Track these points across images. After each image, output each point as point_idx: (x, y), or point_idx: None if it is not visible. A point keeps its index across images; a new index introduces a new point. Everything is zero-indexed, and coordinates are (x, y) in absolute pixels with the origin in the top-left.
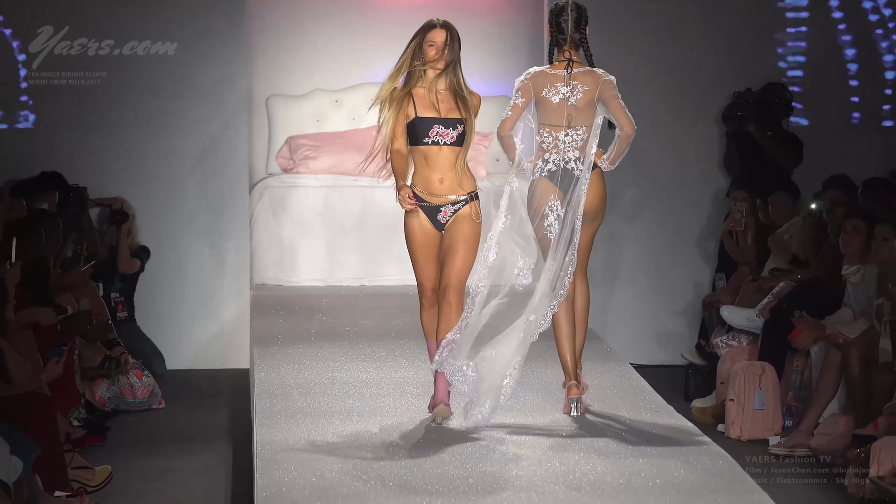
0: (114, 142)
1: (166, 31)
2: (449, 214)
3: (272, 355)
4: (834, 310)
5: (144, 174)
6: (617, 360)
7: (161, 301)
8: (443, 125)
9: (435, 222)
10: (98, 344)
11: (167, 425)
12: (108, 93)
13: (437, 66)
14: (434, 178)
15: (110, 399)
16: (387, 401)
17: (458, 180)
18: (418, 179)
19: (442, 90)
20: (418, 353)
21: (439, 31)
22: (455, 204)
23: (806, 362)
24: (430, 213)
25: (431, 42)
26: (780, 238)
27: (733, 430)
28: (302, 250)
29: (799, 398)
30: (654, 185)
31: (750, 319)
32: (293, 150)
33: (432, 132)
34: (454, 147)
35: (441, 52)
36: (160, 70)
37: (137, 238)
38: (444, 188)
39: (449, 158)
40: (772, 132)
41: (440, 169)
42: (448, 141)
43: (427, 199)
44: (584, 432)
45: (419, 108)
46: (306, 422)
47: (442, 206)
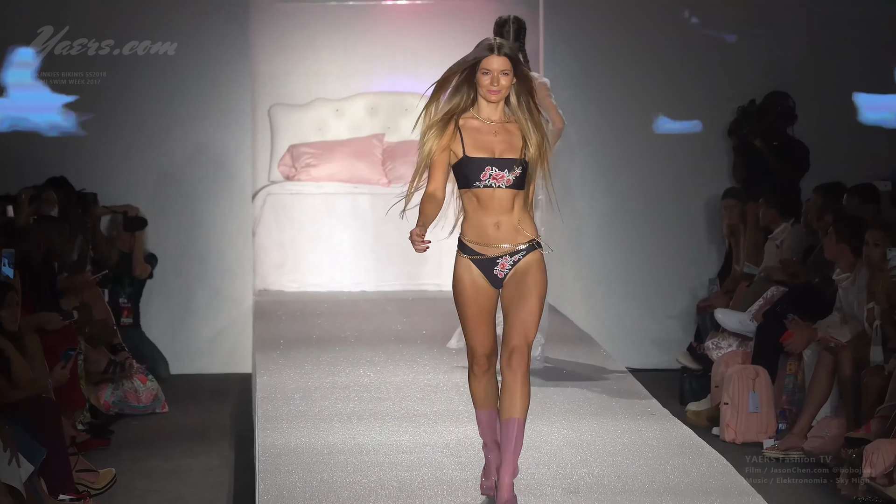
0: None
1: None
2: (508, 267)
3: (274, 360)
4: (826, 313)
5: (146, 180)
6: (613, 363)
7: (165, 306)
8: (496, 167)
9: (491, 278)
10: (103, 349)
11: (170, 429)
12: (108, 93)
13: (491, 99)
14: (488, 223)
15: (114, 403)
16: (387, 405)
17: (517, 225)
18: (470, 227)
19: (496, 121)
20: (418, 357)
21: (496, 58)
22: (515, 254)
23: (799, 366)
24: (485, 268)
25: (486, 70)
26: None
27: (728, 433)
28: (303, 256)
29: (792, 401)
30: (650, 192)
31: (743, 323)
32: (295, 158)
33: (484, 175)
34: (511, 190)
35: (496, 83)
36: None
37: (147, 245)
38: (501, 235)
39: (503, 201)
40: (777, 142)
41: (495, 212)
42: (503, 184)
43: (481, 250)
44: (581, 436)
45: (468, 144)
46: (307, 425)
47: (499, 259)
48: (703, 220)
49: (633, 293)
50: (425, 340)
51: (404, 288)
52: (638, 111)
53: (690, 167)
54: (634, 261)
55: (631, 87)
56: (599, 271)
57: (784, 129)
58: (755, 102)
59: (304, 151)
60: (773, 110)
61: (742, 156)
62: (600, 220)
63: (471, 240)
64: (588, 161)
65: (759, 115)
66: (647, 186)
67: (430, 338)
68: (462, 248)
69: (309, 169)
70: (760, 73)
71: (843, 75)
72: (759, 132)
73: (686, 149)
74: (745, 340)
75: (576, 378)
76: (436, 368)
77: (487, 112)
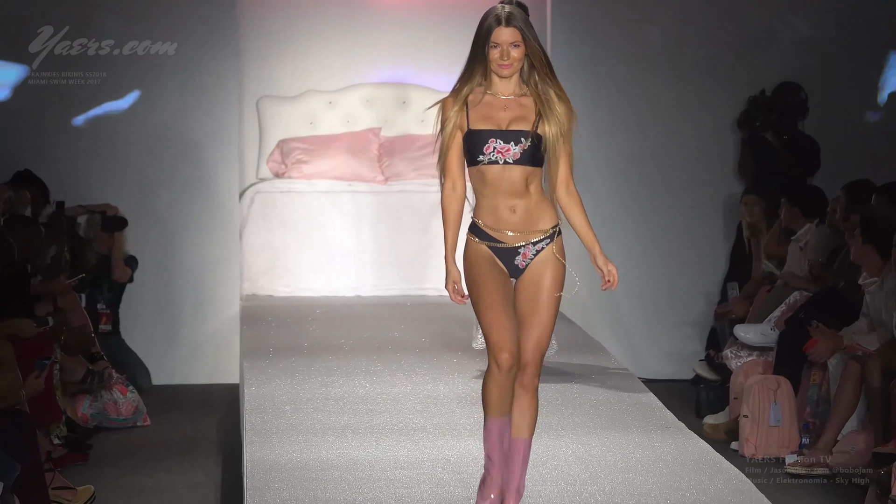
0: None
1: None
2: (530, 257)
3: (263, 369)
4: (852, 320)
5: (126, 179)
6: (625, 373)
7: (146, 313)
8: (501, 138)
9: (510, 267)
10: (80, 357)
11: (153, 443)
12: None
13: (503, 73)
14: (502, 206)
15: (93, 416)
16: (383, 417)
17: (535, 209)
18: (484, 210)
19: (508, 96)
20: (417, 366)
21: (504, 30)
22: (538, 242)
23: (823, 376)
24: (504, 256)
25: (494, 43)
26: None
27: (748, 447)
28: (294, 259)
29: (816, 414)
30: (664, 192)
31: (765, 334)
32: (285, 153)
33: (487, 148)
34: (524, 167)
35: (507, 56)
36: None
37: (126, 246)
38: (519, 221)
39: (514, 180)
40: (787, 136)
41: (507, 193)
42: (510, 159)
43: (499, 237)
44: (591, 451)
45: (473, 118)
46: (299, 439)
47: (521, 247)
48: (720, 218)
49: (645, 298)
50: (425, 349)
51: (403, 292)
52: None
53: (707, 163)
54: (646, 264)
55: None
56: None
57: (794, 124)
58: (766, 93)
59: (295, 147)
60: (783, 103)
61: (752, 150)
62: (608, 220)
63: (486, 224)
64: (595, 158)
65: (771, 107)
66: (658, 184)
67: (431, 346)
68: (477, 232)
69: (300, 165)
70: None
71: (857, 67)
72: (771, 125)
73: (701, 143)
74: (765, 349)
75: (585, 389)
76: (436, 379)
77: (500, 87)
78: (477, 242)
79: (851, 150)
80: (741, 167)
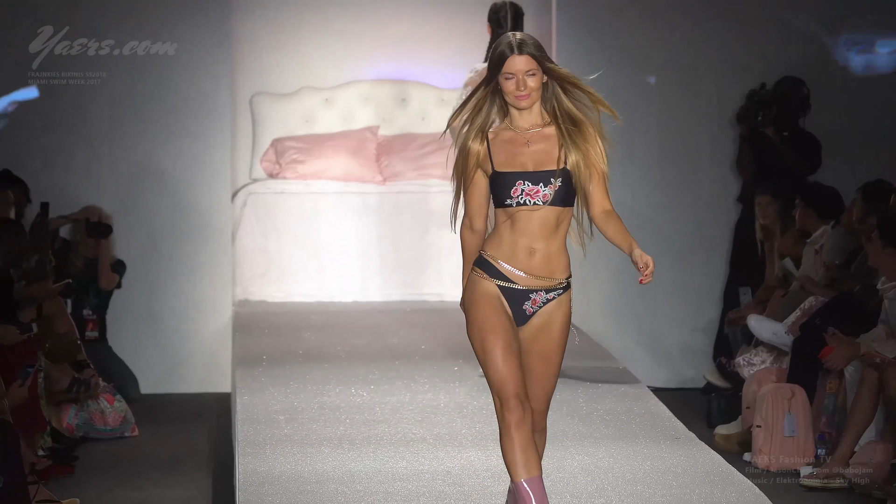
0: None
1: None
2: (539, 304)
3: (256, 378)
4: (870, 326)
5: (114, 181)
6: (632, 382)
7: (134, 319)
8: (529, 180)
9: (517, 311)
10: (65, 365)
11: (141, 454)
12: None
13: (521, 105)
14: (521, 245)
15: (79, 426)
16: (382, 428)
17: (554, 255)
18: (498, 247)
19: (530, 129)
20: (416, 374)
21: (517, 58)
22: (551, 291)
23: (840, 384)
24: (512, 298)
25: (508, 74)
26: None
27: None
28: (289, 263)
29: (832, 424)
30: (670, 192)
31: (777, 334)
32: (280, 153)
33: (514, 191)
34: (555, 207)
35: (523, 86)
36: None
37: (114, 251)
38: (536, 265)
39: (545, 222)
40: (788, 132)
41: (532, 236)
42: (539, 201)
43: (512, 277)
44: (597, 463)
45: (498, 159)
46: (293, 451)
47: (532, 293)
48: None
49: (653, 303)
50: (425, 356)
51: (401, 298)
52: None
53: (715, 159)
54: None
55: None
56: (615, 279)
57: (795, 120)
58: (766, 87)
59: (290, 146)
60: (785, 98)
61: (751, 147)
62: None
63: (500, 261)
64: None
65: (772, 103)
66: (666, 183)
67: (430, 353)
68: (485, 267)
69: (295, 165)
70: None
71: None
72: (771, 120)
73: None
74: (779, 356)
75: (591, 398)
76: (436, 387)
77: (520, 121)
78: (485, 279)
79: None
80: (739, 164)
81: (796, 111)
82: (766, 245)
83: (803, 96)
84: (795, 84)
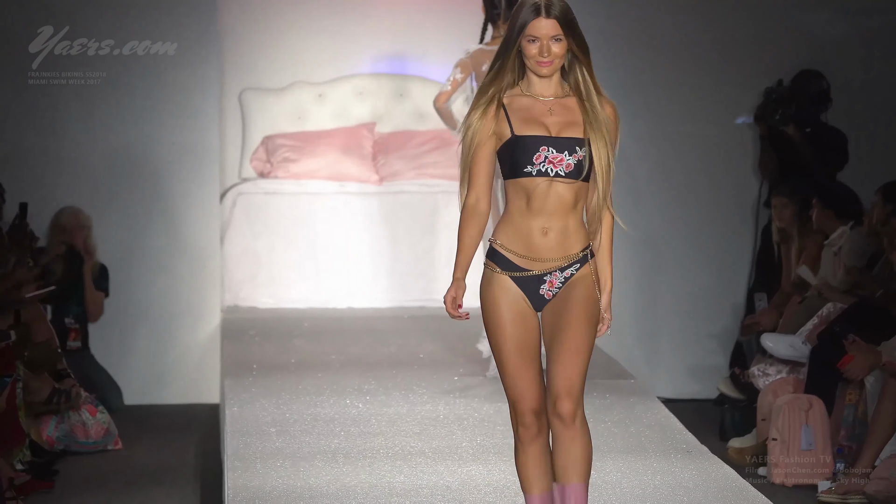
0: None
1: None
2: (557, 286)
3: (246, 388)
4: (892, 334)
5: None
6: (642, 392)
7: (118, 326)
8: (553, 147)
9: (534, 298)
10: (45, 375)
11: (125, 469)
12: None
13: (542, 72)
14: (535, 227)
15: (59, 438)
16: (378, 441)
17: (569, 231)
18: (509, 232)
19: (550, 98)
20: (413, 384)
21: (544, 21)
22: (566, 268)
23: (860, 395)
24: (529, 287)
25: (531, 37)
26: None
27: (777, 473)
28: (280, 267)
29: (852, 436)
30: (683, 195)
31: (795, 347)
32: (270, 151)
33: (538, 157)
34: (571, 182)
35: (548, 52)
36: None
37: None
38: (549, 245)
39: (562, 199)
40: (810, 128)
41: (546, 214)
42: (562, 171)
43: (525, 264)
44: (605, 477)
45: (516, 122)
46: (285, 465)
47: (547, 275)
48: (748, 222)
49: (664, 310)
50: (423, 365)
51: (399, 304)
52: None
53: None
54: (666, 272)
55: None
56: (625, 285)
57: (817, 115)
58: (783, 83)
59: (282, 144)
60: (804, 93)
61: (772, 146)
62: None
63: (510, 250)
64: None
65: (790, 99)
66: (678, 184)
67: (429, 362)
68: (497, 259)
69: (287, 164)
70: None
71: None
72: (791, 118)
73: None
74: (796, 366)
75: (598, 409)
76: (435, 398)
77: (539, 88)
78: (499, 273)
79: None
80: (762, 165)
81: (817, 106)
82: (782, 248)
83: (822, 90)
84: (813, 77)
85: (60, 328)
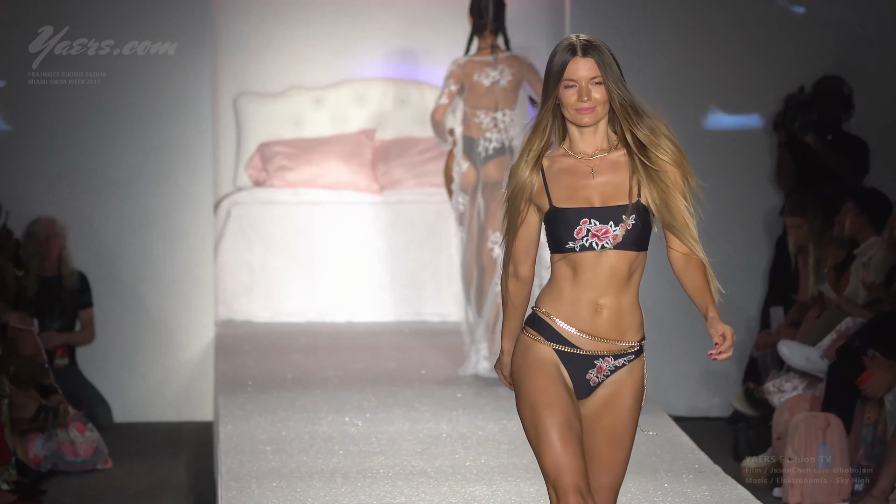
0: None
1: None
2: (605, 373)
3: (240, 405)
4: None
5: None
6: (653, 410)
7: (107, 341)
8: (596, 218)
9: (578, 382)
10: (32, 391)
11: (114, 488)
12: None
13: (583, 122)
14: (584, 300)
15: (46, 457)
16: (378, 459)
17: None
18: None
19: (595, 154)
20: (414, 401)
21: (581, 61)
22: (620, 357)
23: (880, 413)
24: (573, 364)
25: (570, 81)
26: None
27: (793, 494)
28: (276, 279)
29: (871, 456)
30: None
31: (811, 360)
32: (266, 159)
33: (579, 232)
34: (627, 252)
35: (587, 95)
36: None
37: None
38: (604, 324)
39: (614, 270)
40: (831, 136)
41: (597, 287)
42: (609, 243)
43: (571, 338)
44: None
45: (556, 192)
46: (281, 485)
47: (598, 359)
48: (762, 233)
49: (675, 324)
50: (425, 381)
51: (399, 318)
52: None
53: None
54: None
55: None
56: None
57: (838, 123)
58: (804, 90)
59: (278, 151)
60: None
61: (791, 155)
62: None
63: (555, 318)
64: None
65: (812, 106)
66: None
67: (431, 378)
68: (541, 328)
69: (283, 172)
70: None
71: None
72: (812, 125)
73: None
74: (813, 382)
75: None
76: (437, 416)
77: (582, 143)
78: (540, 342)
79: None
80: (780, 175)
81: (838, 113)
82: (799, 259)
83: (844, 96)
84: (836, 83)
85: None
